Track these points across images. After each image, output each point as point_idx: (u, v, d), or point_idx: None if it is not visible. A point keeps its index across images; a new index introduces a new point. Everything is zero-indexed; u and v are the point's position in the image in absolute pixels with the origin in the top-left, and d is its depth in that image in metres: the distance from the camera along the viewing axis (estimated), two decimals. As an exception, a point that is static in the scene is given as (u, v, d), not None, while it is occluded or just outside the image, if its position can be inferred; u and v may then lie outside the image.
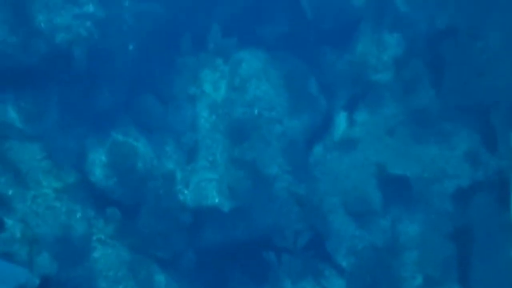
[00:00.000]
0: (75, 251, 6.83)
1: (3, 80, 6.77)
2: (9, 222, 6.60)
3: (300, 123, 7.41)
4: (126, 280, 6.93)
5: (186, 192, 7.24)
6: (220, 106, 7.33)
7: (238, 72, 7.35)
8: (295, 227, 7.35)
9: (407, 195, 7.31)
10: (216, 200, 7.20)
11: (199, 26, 7.50)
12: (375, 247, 7.25)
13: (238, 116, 7.29)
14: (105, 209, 7.03)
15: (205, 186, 7.25)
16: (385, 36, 7.36)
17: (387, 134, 7.34)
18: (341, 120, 7.41)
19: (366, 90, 7.43)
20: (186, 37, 7.47)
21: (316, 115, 7.50)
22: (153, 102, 7.36)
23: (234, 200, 7.23)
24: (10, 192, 6.69)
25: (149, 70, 7.43)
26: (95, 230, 6.95)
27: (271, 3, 7.66)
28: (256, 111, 7.28)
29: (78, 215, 6.89)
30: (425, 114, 7.32)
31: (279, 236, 7.34)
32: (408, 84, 7.33)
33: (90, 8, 6.85)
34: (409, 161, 7.27)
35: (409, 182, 7.29)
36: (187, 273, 7.31)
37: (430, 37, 7.33)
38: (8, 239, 6.61)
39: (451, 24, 7.27)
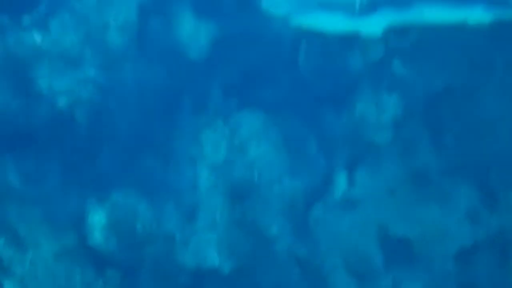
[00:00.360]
0: (74, 314, 6.78)
1: (4, 143, 6.81)
2: (7, 285, 6.55)
3: (300, 183, 7.39)
4: None
5: (186, 253, 7.19)
6: (220, 167, 7.34)
7: (238, 133, 7.38)
8: (296, 288, 7.27)
9: (408, 255, 7.25)
10: (216, 261, 7.16)
11: (200, 88, 7.54)
12: (377, 308, 7.15)
13: (238, 177, 7.28)
14: (105, 271, 6.99)
15: (205, 247, 7.22)
16: (383, 97, 7.38)
17: (387, 194, 7.31)
18: (341, 180, 7.40)
19: (365, 150, 7.43)
20: (186, 99, 7.52)
21: (316, 175, 7.49)
22: (153, 163, 7.37)
23: (234, 261, 7.18)
24: (9, 254, 6.67)
25: (150, 132, 7.45)
26: (94, 293, 6.90)
27: (270, 66, 7.70)
28: (256, 172, 7.28)
29: (77, 277, 6.85)
30: (425, 174, 7.31)
31: (279, 298, 7.26)
32: (408, 144, 7.34)
33: (92, 72, 6.93)
34: (410, 221, 7.24)
35: (410, 242, 7.24)
36: (187, 335, 7.23)
37: (428, 98, 7.36)
38: (6, 302, 6.58)
39: (449, 86, 7.32)
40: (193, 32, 7.40)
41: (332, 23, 5.38)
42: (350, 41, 7.33)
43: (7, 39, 6.65)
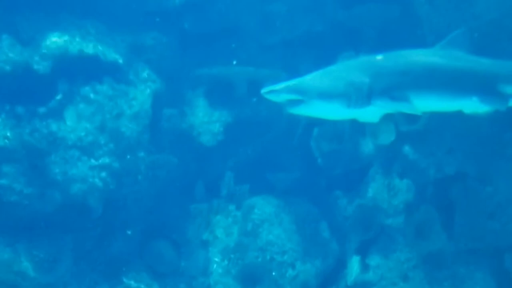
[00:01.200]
0: None
1: (18, 229, 6.80)
2: None
3: (313, 267, 7.28)
4: None
5: None
6: (233, 251, 7.25)
7: (250, 217, 7.32)
8: None
9: None
10: None
11: (212, 173, 7.55)
12: None
13: (250, 261, 7.18)
14: None
15: (218, 333, 7.11)
16: (395, 182, 7.29)
17: (401, 279, 7.16)
18: (354, 264, 7.26)
19: (378, 234, 7.31)
20: (199, 184, 7.52)
21: (328, 259, 7.39)
22: (166, 248, 7.32)
23: None
24: None
25: (163, 217, 7.44)
26: None
27: (282, 151, 7.73)
28: (268, 256, 7.18)
29: None
30: (438, 258, 7.16)
31: None
32: (420, 228, 7.22)
33: (106, 159, 6.93)
34: (424, 306, 7.05)
35: (425, 328, 7.05)
36: None
37: (439, 182, 7.27)
38: None
39: (460, 170, 7.23)
40: (206, 119, 7.44)
41: (330, 112, 5.44)
42: (361, 125, 7.37)
43: (23, 128, 6.71)
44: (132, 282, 7.07)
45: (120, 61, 7.10)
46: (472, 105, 5.75)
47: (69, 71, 6.93)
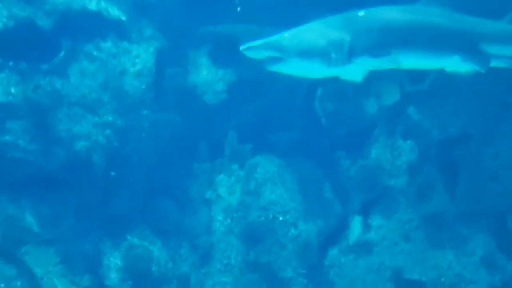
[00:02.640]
0: None
1: (22, 185, 6.74)
2: (23, 326, 6.48)
3: (315, 226, 7.21)
4: None
5: (200, 295, 7.08)
6: (235, 210, 7.19)
7: (253, 177, 7.24)
8: (310, 331, 7.05)
9: (423, 300, 7.01)
10: (231, 304, 7.02)
11: (215, 133, 7.46)
12: None
13: (253, 220, 7.12)
14: (120, 313, 6.86)
15: (220, 289, 7.09)
16: (398, 142, 7.21)
17: (402, 239, 7.11)
18: (356, 224, 7.20)
19: (380, 195, 7.24)
20: (202, 143, 7.43)
21: (330, 219, 7.31)
22: (169, 206, 7.27)
23: (249, 303, 7.01)
24: (26, 296, 6.60)
25: (166, 175, 7.37)
26: (108, 334, 6.75)
27: (286, 111, 7.62)
28: (271, 215, 7.13)
29: (93, 319, 6.74)
30: (440, 219, 7.09)
31: None
32: (422, 189, 7.15)
33: (109, 117, 6.86)
34: (425, 266, 7.01)
35: (425, 287, 6.98)
36: None
37: (442, 143, 7.18)
38: None
39: (463, 132, 7.13)
40: (209, 78, 7.34)
41: (310, 70, 5.34)
42: (366, 86, 7.27)
43: (27, 84, 6.62)
44: (136, 240, 7.04)
45: (124, 18, 6.99)
46: (454, 64, 5.65)
47: (73, 28, 6.83)
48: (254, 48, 5.25)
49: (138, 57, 7.03)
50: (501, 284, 6.97)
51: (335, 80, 7.06)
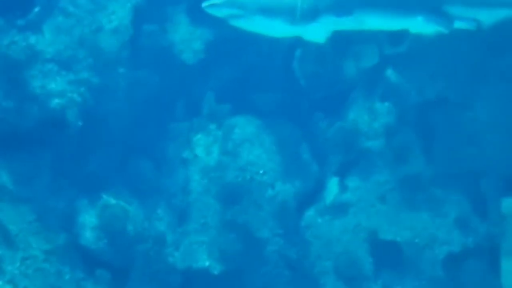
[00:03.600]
0: (63, 314, 6.58)
1: (-4, 143, 6.68)
2: (-2, 283, 6.42)
3: (292, 187, 7.17)
4: None
5: (176, 254, 7.01)
6: (213, 170, 7.11)
7: (231, 137, 7.16)
8: (286, 291, 7.05)
9: (398, 260, 7.06)
10: (207, 263, 6.97)
11: (193, 92, 7.33)
12: (366, 311, 6.96)
13: (230, 180, 7.06)
14: (95, 271, 6.79)
15: (196, 248, 7.02)
16: (376, 105, 7.15)
17: (378, 200, 7.11)
18: (332, 185, 7.18)
19: (357, 157, 7.20)
20: (180, 103, 7.31)
21: (308, 180, 7.27)
22: (145, 165, 7.18)
23: (225, 263, 6.98)
24: (0, 253, 6.50)
25: (143, 135, 7.25)
26: (84, 292, 6.70)
27: (264, 71, 7.48)
28: (248, 176, 7.08)
29: (67, 276, 6.65)
30: (416, 181, 7.09)
31: (269, 300, 7.04)
32: (399, 151, 7.14)
33: (85, 74, 6.73)
34: (400, 227, 7.04)
35: (400, 248, 7.05)
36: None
37: (420, 106, 7.13)
38: (-4, 301, 6.42)
39: (441, 95, 7.08)
40: (187, 37, 7.18)
41: (272, 28, 5.31)
42: (344, 47, 7.19)
43: (1, 40, 6.48)
44: (112, 199, 6.95)
45: (100, -27, 6.84)
46: (417, 25, 5.67)
47: (48, -18, 6.68)
48: (216, 6, 5.19)
49: (114, 14, 6.87)
50: (474, 245, 7.02)
51: (314, 42, 7.04)
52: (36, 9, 6.63)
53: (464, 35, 6.54)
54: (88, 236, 6.86)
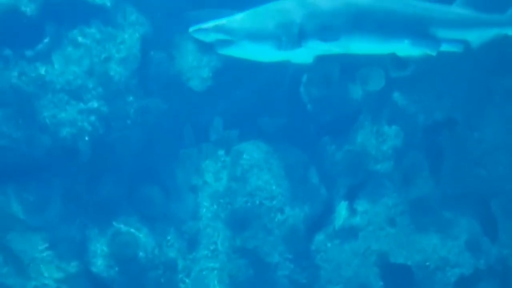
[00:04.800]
0: None
1: (7, 173, 6.72)
2: (10, 312, 6.49)
3: (301, 212, 7.23)
4: None
5: (187, 281, 7.08)
6: (222, 196, 7.20)
7: (239, 163, 7.24)
8: (297, 316, 7.08)
9: (409, 284, 7.07)
10: (218, 289, 7.03)
11: (201, 119, 7.45)
12: (377, 337, 6.96)
13: (239, 206, 7.13)
14: (106, 299, 6.87)
15: (207, 275, 7.09)
16: (384, 128, 7.23)
17: (388, 223, 7.15)
18: (341, 209, 7.24)
19: (366, 180, 7.27)
20: (188, 129, 7.42)
21: (316, 204, 7.34)
22: (155, 192, 7.26)
23: (236, 289, 7.03)
24: (11, 282, 6.57)
25: (152, 162, 7.36)
26: (95, 321, 6.77)
27: (271, 96, 7.60)
28: (257, 201, 7.17)
29: (80, 304, 6.74)
30: (425, 204, 7.14)
31: (280, 326, 7.07)
32: (408, 174, 7.18)
33: (95, 103, 6.84)
34: (410, 250, 7.07)
35: (411, 271, 7.06)
36: None
37: (427, 128, 7.21)
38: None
39: (448, 116, 7.17)
40: (195, 64, 7.31)
41: (260, 53, 5.37)
42: (351, 71, 7.30)
43: (11, 71, 6.59)
44: (122, 226, 7.03)
45: (108, 3, 6.95)
46: (404, 48, 5.68)
47: (57, 13, 6.79)
48: (203, 31, 5.26)
49: (123, 43, 7.00)
50: (485, 267, 7.03)
51: (320, 66, 7.17)
52: (46, 40, 6.75)
53: (469, 56, 6.65)
54: (99, 264, 6.92)
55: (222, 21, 5.24)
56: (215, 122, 7.37)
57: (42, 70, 6.71)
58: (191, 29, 5.28)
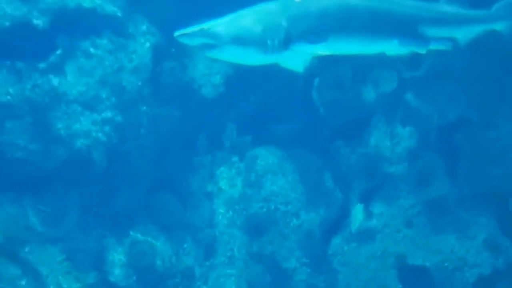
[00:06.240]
0: None
1: (23, 185, 6.82)
2: (29, 325, 6.58)
3: (317, 216, 7.29)
4: None
5: (205, 288, 7.16)
6: (237, 202, 7.27)
7: (253, 169, 7.32)
8: (315, 321, 7.13)
9: (428, 285, 7.10)
10: (236, 296, 7.09)
11: (215, 126, 7.52)
12: None
13: (255, 211, 7.21)
14: (126, 308, 6.94)
15: (224, 281, 7.16)
16: (397, 129, 7.27)
17: (404, 225, 7.18)
18: (357, 212, 7.27)
19: (381, 182, 7.30)
20: (202, 137, 7.50)
21: (332, 208, 7.38)
22: (170, 200, 7.34)
23: (253, 295, 7.10)
24: (31, 294, 6.69)
25: (167, 170, 7.44)
26: (114, 331, 6.84)
27: (284, 101, 7.67)
28: (272, 206, 7.23)
29: (99, 314, 6.81)
30: (441, 204, 7.15)
31: (299, 331, 7.13)
32: (423, 175, 7.19)
33: (108, 114, 6.94)
34: (428, 251, 7.10)
35: (429, 272, 7.09)
36: None
37: (442, 128, 7.23)
38: None
39: (463, 116, 7.18)
40: (207, 71, 7.39)
41: (246, 57, 5.37)
42: (363, 73, 7.35)
43: (24, 84, 6.70)
44: (139, 235, 7.12)
45: (119, 14, 7.04)
46: (393, 48, 5.66)
47: (68, 25, 6.88)
48: (188, 35, 5.22)
49: (135, 53, 7.09)
50: (504, 266, 7.04)
51: (332, 69, 7.23)
52: (58, 52, 6.85)
53: (481, 54, 6.68)
54: (117, 274, 7.01)
55: (207, 25, 5.24)
56: (229, 129, 7.44)
57: (55, 82, 6.81)
58: (176, 34, 5.29)
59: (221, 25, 5.24)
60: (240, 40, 5.17)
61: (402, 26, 5.59)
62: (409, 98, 7.26)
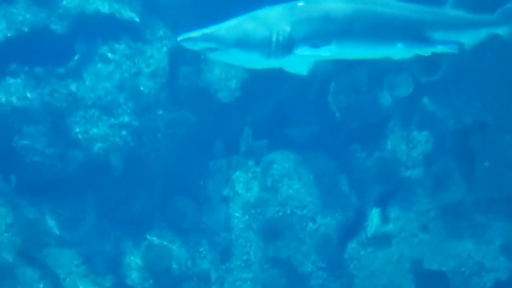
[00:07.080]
0: None
1: (41, 189, 6.92)
2: (47, 327, 6.64)
3: (333, 220, 7.32)
4: None
5: (221, 292, 7.21)
6: (253, 206, 7.32)
7: (269, 173, 7.36)
8: (331, 325, 7.18)
9: (444, 289, 7.10)
10: (252, 300, 7.14)
11: (231, 130, 7.58)
12: None
13: (271, 216, 7.25)
14: (142, 311, 6.99)
15: (240, 285, 7.20)
16: (414, 134, 7.28)
17: (421, 230, 7.18)
18: (374, 217, 7.29)
19: (397, 187, 7.32)
20: (218, 141, 7.56)
21: (348, 212, 7.41)
22: (187, 204, 7.41)
23: (269, 299, 7.13)
24: (49, 298, 6.76)
25: (183, 174, 7.51)
26: (131, 333, 6.90)
27: (299, 106, 7.72)
28: (288, 210, 7.27)
29: (116, 318, 6.88)
30: (458, 208, 7.15)
31: (315, 335, 7.17)
32: (439, 179, 7.18)
33: (126, 118, 7.02)
34: (444, 256, 7.08)
35: (446, 277, 7.07)
36: None
37: (458, 132, 7.23)
38: None
39: (479, 119, 7.16)
40: (223, 76, 7.45)
41: (249, 61, 5.32)
42: (379, 78, 7.37)
43: (43, 89, 6.80)
44: (155, 239, 7.19)
45: (137, 19, 7.13)
46: (398, 52, 5.65)
47: (86, 30, 6.98)
48: (191, 39, 5.23)
49: (152, 58, 7.17)
50: (521, 270, 6.98)
51: (347, 74, 7.26)
52: (76, 57, 6.95)
53: (497, 58, 6.69)
54: (134, 277, 7.08)
55: (210, 29, 5.25)
56: (245, 133, 7.49)
57: (73, 87, 6.91)
58: (179, 38, 5.29)
59: (224, 29, 5.25)
60: (243, 44, 5.18)
61: (407, 30, 5.58)
62: (425, 102, 7.27)
